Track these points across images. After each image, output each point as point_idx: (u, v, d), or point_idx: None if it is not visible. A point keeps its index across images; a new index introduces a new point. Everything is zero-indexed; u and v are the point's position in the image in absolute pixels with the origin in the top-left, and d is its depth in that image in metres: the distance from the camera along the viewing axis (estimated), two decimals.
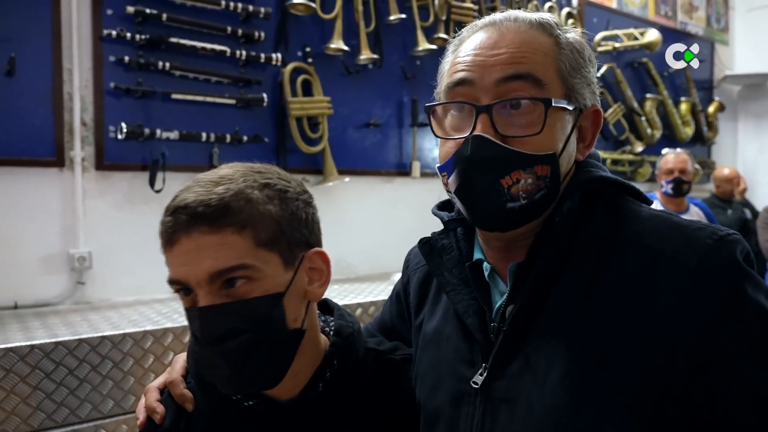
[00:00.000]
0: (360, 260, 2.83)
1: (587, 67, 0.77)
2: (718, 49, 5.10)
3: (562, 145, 0.74)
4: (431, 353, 0.85)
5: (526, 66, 0.72)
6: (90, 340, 1.62)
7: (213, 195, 0.75)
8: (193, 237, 0.75)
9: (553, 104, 0.71)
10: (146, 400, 0.89)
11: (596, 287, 0.70)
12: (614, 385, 0.66)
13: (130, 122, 2.23)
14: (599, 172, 0.77)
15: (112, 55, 2.21)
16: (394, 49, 2.99)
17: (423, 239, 0.87)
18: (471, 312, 0.79)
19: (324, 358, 0.86)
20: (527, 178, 0.71)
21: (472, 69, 0.74)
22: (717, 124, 4.95)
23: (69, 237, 2.16)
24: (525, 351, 0.72)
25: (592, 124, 0.79)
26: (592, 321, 0.69)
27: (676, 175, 3.25)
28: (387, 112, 3.01)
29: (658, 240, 0.69)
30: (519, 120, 0.72)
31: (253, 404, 0.84)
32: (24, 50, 2.04)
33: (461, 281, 0.81)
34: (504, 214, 0.73)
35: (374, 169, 2.98)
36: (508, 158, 0.71)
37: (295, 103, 2.61)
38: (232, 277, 0.75)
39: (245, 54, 2.47)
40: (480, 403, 0.75)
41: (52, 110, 2.10)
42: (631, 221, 0.73)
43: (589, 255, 0.72)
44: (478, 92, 0.73)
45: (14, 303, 2.05)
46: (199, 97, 2.39)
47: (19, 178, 2.06)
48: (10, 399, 1.52)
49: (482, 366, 0.76)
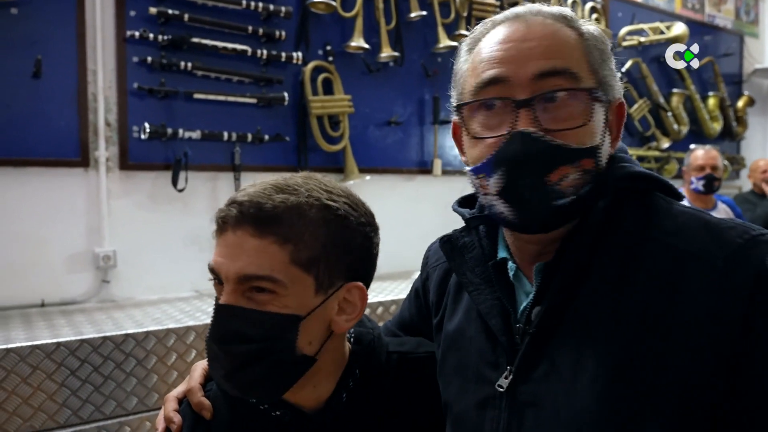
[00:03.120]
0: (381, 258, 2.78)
1: (611, 60, 0.75)
2: (747, 42, 4.98)
3: (602, 138, 0.72)
4: (455, 354, 0.83)
5: (562, 61, 0.70)
6: (114, 337, 1.65)
7: (270, 201, 0.76)
8: (238, 234, 0.76)
9: (595, 95, 0.70)
10: (164, 410, 0.88)
11: (624, 288, 0.68)
12: (644, 390, 0.64)
13: (154, 122, 2.25)
14: (632, 167, 0.74)
15: (135, 56, 2.23)
16: (415, 46, 2.98)
17: (444, 237, 0.85)
18: (495, 313, 0.77)
19: (345, 368, 0.85)
20: (574, 173, 0.69)
21: (504, 64, 0.70)
22: (746, 119, 4.83)
23: (94, 236, 2.19)
24: (551, 354, 0.70)
25: (617, 117, 0.77)
26: (620, 323, 0.67)
27: (707, 171, 3.15)
28: (408, 110, 3.00)
29: (687, 239, 0.67)
30: (560, 113, 0.69)
31: (280, 414, 0.83)
32: (49, 52, 2.08)
33: (484, 281, 0.79)
34: (553, 213, 0.70)
35: (395, 167, 2.97)
36: (555, 153, 0.68)
37: (316, 101, 2.61)
38: (258, 285, 0.75)
39: (266, 53, 2.48)
40: (505, 406, 0.73)
41: (77, 111, 2.14)
42: (660, 220, 0.70)
43: (617, 255, 0.69)
44: (514, 88, 0.69)
45: (41, 301, 2.09)
46: (221, 96, 2.40)
47: (46, 178, 2.10)
48: (37, 395, 1.54)
49: (507, 369, 0.74)
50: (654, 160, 4.10)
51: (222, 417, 0.86)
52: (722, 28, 4.72)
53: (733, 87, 4.81)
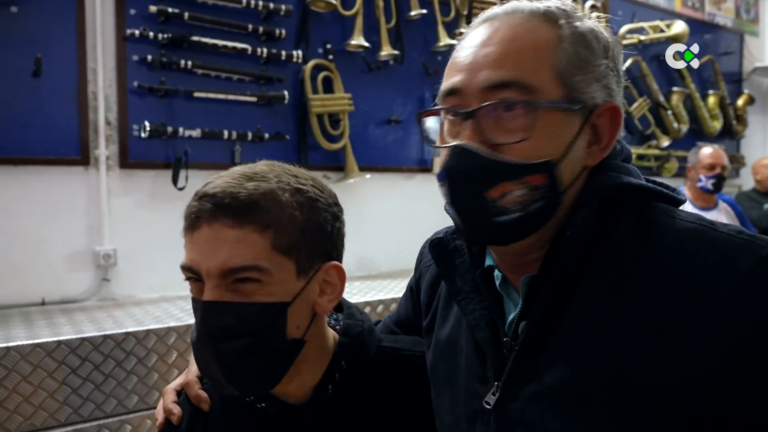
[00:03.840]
0: (381, 257, 2.82)
1: (597, 61, 0.68)
2: (747, 40, 4.97)
3: (563, 150, 0.66)
4: (445, 365, 0.82)
5: (513, 71, 0.65)
6: (115, 336, 1.65)
7: (242, 189, 0.75)
8: (215, 227, 0.74)
9: (543, 106, 0.65)
10: (164, 402, 0.89)
11: (619, 307, 0.63)
12: (638, 416, 0.60)
13: (154, 121, 2.25)
14: (622, 178, 0.68)
15: (135, 55, 2.23)
16: (415, 45, 2.97)
17: (434, 240, 0.81)
18: (482, 325, 0.73)
19: (332, 359, 0.85)
20: (518, 189, 0.65)
21: (461, 72, 0.68)
22: (746, 117, 4.83)
23: (94, 234, 2.19)
24: (539, 371, 0.67)
25: (610, 122, 0.70)
26: (612, 343, 0.62)
27: (718, 170, 3.12)
28: (408, 108, 2.99)
29: (692, 263, 0.61)
30: (508, 125, 0.65)
31: (266, 406, 0.84)
32: (49, 51, 2.08)
33: (473, 288, 0.76)
34: (494, 229, 0.67)
35: (395, 165, 2.97)
36: (492, 168, 0.65)
37: (316, 100, 2.61)
38: (243, 276, 0.74)
39: (266, 51, 2.48)
40: (493, 423, 0.70)
41: (77, 110, 2.13)
42: (661, 235, 0.65)
43: (611, 271, 0.65)
44: (467, 98, 0.67)
45: (42, 299, 2.09)
46: (221, 95, 2.40)
47: (46, 177, 2.10)
48: (38, 394, 1.55)
49: (494, 385, 0.71)
50: (654, 158, 4.10)
51: (217, 409, 0.87)
52: (722, 27, 4.72)
53: (733, 85, 4.80)
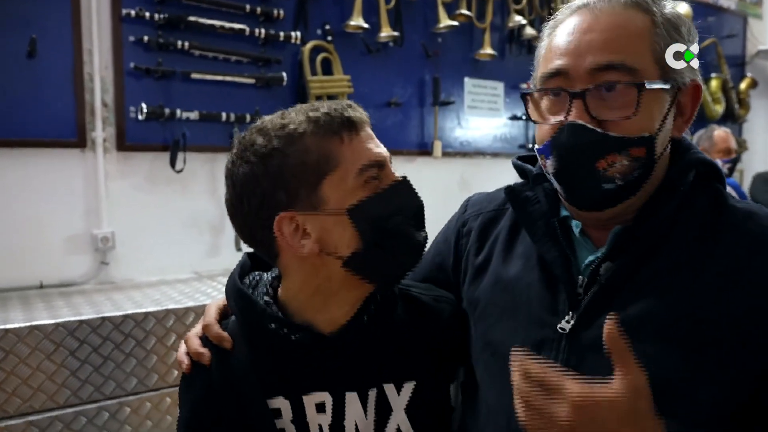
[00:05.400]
0: None
1: (685, 43, 0.77)
2: (750, 23, 4.92)
3: (659, 125, 0.76)
4: (507, 298, 0.87)
5: (619, 55, 0.74)
6: (113, 318, 1.64)
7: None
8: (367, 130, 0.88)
9: (647, 87, 0.73)
10: (189, 347, 0.90)
11: (698, 259, 0.74)
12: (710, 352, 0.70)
13: (151, 103, 2.22)
14: (702, 154, 0.81)
15: (131, 36, 2.20)
16: (415, 26, 2.94)
17: (509, 187, 0.90)
18: (559, 263, 0.81)
19: (371, 293, 0.88)
20: (622, 160, 0.74)
21: (566, 56, 0.76)
22: (749, 101, 4.79)
23: (92, 218, 2.17)
24: (619, 305, 0.74)
25: (691, 99, 0.81)
26: (692, 288, 0.73)
27: (734, 155, 3.08)
28: (408, 90, 2.96)
29: (761, 227, 0.75)
30: (613, 103, 0.74)
31: (300, 337, 0.84)
32: (44, 32, 2.05)
33: (545, 234, 0.84)
34: (600, 196, 0.76)
35: (395, 148, 2.94)
36: (602, 142, 0.74)
37: (315, 82, 2.59)
38: None
39: (264, 33, 2.45)
40: (564, 348, 0.78)
41: (73, 91, 2.11)
42: (731, 207, 0.78)
43: (693, 230, 0.76)
44: (573, 80, 0.75)
45: (40, 283, 2.08)
46: (219, 76, 2.37)
47: (42, 159, 2.08)
48: (36, 376, 1.54)
49: (569, 314, 0.79)
50: None
51: (241, 350, 0.87)
52: (726, 9, 4.67)
53: (736, 69, 4.77)
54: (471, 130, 3.22)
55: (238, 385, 0.85)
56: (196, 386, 0.88)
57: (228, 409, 0.85)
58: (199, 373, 0.88)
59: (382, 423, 0.88)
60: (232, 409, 0.85)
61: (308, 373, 0.86)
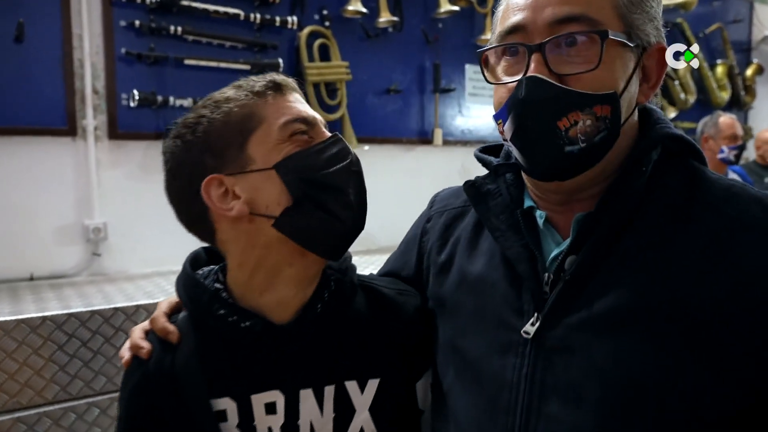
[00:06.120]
0: (380, 231, 2.73)
1: (650, 2, 0.73)
2: (757, 8, 4.84)
3: (624, 84, 0.70)
4: (472, 299, 0.82)
5: (579, 6, 0.68)
6: (103, 311, 1.59)
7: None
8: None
9: (611, 36, 0.67)
10: (131, 340, 0.85)
11: (669, 247, 0.68)
12: (691, 342, 0.64)
13: (143, 89, 2.17)
14: (673, 129, 0.75)
15: (122, 20, 2.14)
16: (415, 11, 2.87)
17: (468, 182, 0.84)
18: (523, 258, 0.76)
19: (322, 279, 0.85)
20: (586, 119, 0.68)
21: (524, 10, 0.71)
22: (755, 87, 4.73)
23: (83, 208, 2.12)
24: (587, 301, 0.70)
25: (657, 63, 0.75)
26: (664, 277, 0.67)
27: (740, 141, 3.03)
28: (408, 77, 2.91)
29: (738, 208, 0.68)
30: (575, 57, 0.68)
31: (251, 324, 0.81)
32: (32, 15, 1.99)
33: (509, 227, 0.79)
34: (562, 160, 0.69)
35: (395, 137, 2.89)
36: (564, 98, 0.68)
37: (312, 68, 2.53)
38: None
39: (260, 17, 2.39)
40: (530, 353, 0.73)
41: (63, 78, 2.05)
42: (708, 186, 0.72)
43: (662, 213, 0.70)
44: (532, 35, 0.70)
45: (30, 275, 2.04)
46: (213, 62, 2.31)
47: (31, 147, 2.03)
48: (23, 371, 1.50)
49: (534, 315, 0.74)
50: None
51: (188, 343, 0.82)
52: None
53: (742, 54, 4.69)
54: (472, 118, 3.16)
55: (182, 382, 0.81)
56: (133, 379, 0.84)
57: (166, 403, 0.81)
58: (138, 367, 0.83)
59: (344, 423, 0.84)
60: (171, 406, 0.81)
61: (259, 368, 0.82)
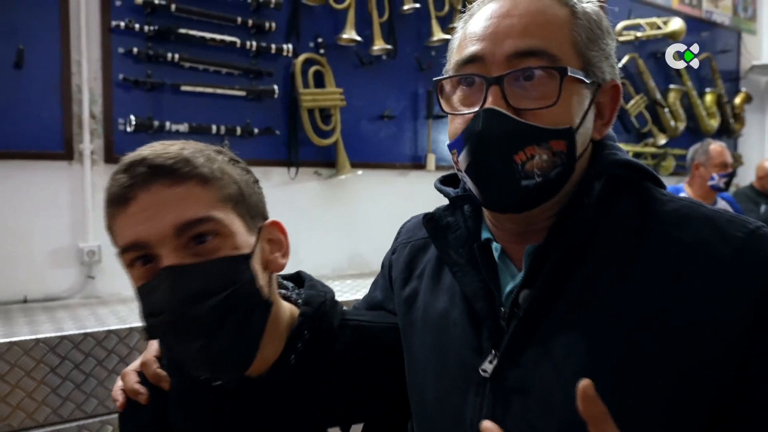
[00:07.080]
0: (374, 255, 2.77)
1: (605, 39, 0.72)
2: (744, 38, 4.94)
3: (579, 120, 0.69)
4: (434, 337, 0.80)
5: (539, 40, 0.67)
6: (96, 334, 1.60)
7: (171, 150, 0.72)
8: (153, 191, 0.69)
9: (569, 74, 0.67)
10: (125, 383, 0.86)
11: (622, 277, 0.66)
12: (641, 382, 0.62)
13: (140, 115, 2.20)
14: (623, 155, 0.73)
15: (120, 47, 2.18)
16: (408, 39, 2.93)
17: (427, 215, 0.83)
18: (480, 296, 0.74)
19: (294, 329, 0.82)
20: (542, 153, 0.67)
21: (483, 41, 0.69)
22: (743, 115, 4.80)
23: (78, 231, 2.14)
24: (541, 338, 0.68)
25: (611, 100, 0.74)
26: (618, 311, 0.65)
27: (730, 169, 3.07)
28: (401, 104, 2.95)
29: (689, 231, 0.66)
30: (532, 92, 0.67)
31: (223, 381, 0.79)
32: (32, 42, 2.02)
33: (468, 262, 0.77)
34: (518, 193, 0.68)
35: (388, 162, 2.92)
36: (521, 132, 0.66)
37: (307, 94, 2.57)
38: (200, 231, 0.70)
39: (256, 45, 2.43)
40: (489, 392, 0.70)
41: (61, 103, 2.08)
42: (657, 210, 0.69)
43: (614, 242, 0.68)
44: (490, 66, 0.68)
45: (24, 297, 2.04)
46: (209, 89, 2.35)
47: (28, 171, 2.04)
48: (15, 393, 1.50)
49: (492, 353, 0.71)
50: (651, 156, 4.06)
51: (174, 391, 0.83)
52: (720, 25, 4.69)
53: (731, 83, 4.77)
54: None
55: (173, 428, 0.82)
56: (129, 425, 0.85)
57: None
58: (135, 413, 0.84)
59: None
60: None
61: (241, 421, 0.80)
